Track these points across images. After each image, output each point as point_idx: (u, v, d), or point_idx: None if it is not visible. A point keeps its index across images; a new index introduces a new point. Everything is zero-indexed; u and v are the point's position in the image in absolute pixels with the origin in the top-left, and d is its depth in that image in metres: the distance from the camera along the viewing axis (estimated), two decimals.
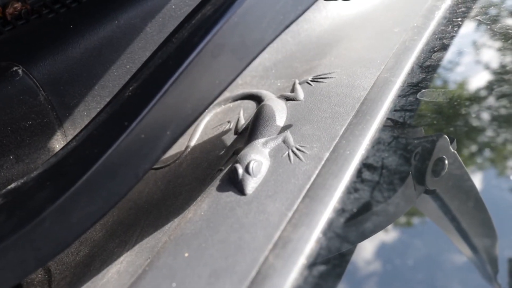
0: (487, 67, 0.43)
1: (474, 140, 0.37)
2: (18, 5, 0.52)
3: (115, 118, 0.29)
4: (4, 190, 0.33)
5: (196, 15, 0.31)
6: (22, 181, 0.32)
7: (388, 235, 0.30)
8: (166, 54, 0.30)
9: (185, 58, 0.27)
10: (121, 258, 0.34)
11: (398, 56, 0.43)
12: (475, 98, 0.39)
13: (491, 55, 0.44)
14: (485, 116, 0.37)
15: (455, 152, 0.35)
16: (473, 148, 0.37)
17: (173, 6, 0.47)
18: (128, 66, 0.46)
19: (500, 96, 0.38)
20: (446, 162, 0.34)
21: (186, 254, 0.29)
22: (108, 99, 0.46)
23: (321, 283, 0.26)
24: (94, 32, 0.44)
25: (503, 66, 0.41)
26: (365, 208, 0.30)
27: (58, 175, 0.30)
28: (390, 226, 0.30)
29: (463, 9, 0.49)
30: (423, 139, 0.36)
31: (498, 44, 0.44)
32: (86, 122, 0.46)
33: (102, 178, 0.28)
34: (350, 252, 0.29)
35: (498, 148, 0.36)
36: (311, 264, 0.26)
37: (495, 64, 0.43)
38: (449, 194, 0.33)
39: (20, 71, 0.40)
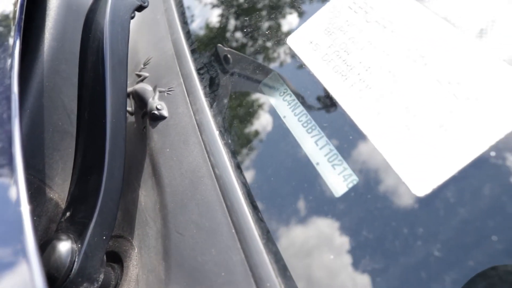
0: (215, 7, 0.82)
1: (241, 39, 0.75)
2: None
3: (95, 121, 0.58)
4: (65, 206, 0.58)
5: (91, 57, 0.60)
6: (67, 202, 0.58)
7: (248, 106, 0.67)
8: (91, 82, 0.59)
9: (104, 76, 0.57)
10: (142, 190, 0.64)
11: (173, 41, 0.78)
12: (227, 23, 0.78)
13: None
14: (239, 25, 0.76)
15: (230, 48, 0.72)
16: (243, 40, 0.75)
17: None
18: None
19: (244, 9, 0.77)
20: (229, 56, 0.72)
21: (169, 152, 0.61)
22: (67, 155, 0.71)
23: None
24: None
25: None
26: (220, 93, 0.66)
27: (87, 178, 0.58)
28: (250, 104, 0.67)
29: None
30: (214, 56, 0.73)
31: None
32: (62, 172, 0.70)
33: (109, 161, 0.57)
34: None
35: (262, 36, 0.75)
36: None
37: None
38: (242, 72, 0.71)
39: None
